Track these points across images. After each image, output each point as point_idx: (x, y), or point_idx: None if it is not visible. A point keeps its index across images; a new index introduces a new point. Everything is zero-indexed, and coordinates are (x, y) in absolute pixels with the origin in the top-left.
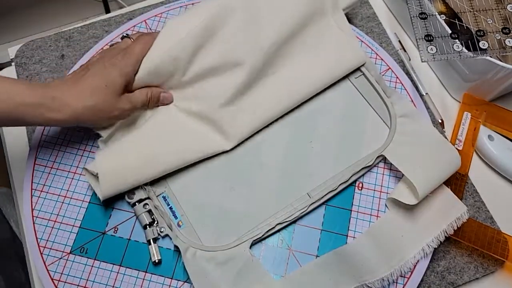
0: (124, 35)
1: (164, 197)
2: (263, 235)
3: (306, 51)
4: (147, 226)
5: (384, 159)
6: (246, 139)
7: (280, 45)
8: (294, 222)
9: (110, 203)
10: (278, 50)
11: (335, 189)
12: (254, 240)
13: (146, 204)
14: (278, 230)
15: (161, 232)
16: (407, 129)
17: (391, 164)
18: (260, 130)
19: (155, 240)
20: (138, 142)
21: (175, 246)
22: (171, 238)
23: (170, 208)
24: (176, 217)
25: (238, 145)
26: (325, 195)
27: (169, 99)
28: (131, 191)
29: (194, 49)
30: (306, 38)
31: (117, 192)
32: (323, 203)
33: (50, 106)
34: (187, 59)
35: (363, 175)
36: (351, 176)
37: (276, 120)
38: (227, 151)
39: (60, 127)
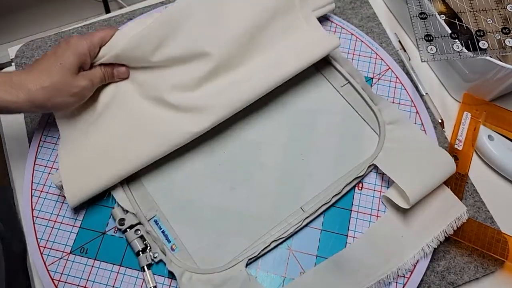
0: None
1: (155, 221)
2: (258, 254)
3: (275, 44)
4: (140, 253)
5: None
6: (236, 153)
7: (247, 38)
8: (289, 237)
9: (110, 203)
10: (245, 43)
11: (328, 202)
12: (249, 259)
13: (138, 229)
14: (274, 247)
15: (154, 257)
16: (396, 135)
17: None
18: (250, 142)
19: (149, 266)
20: (100, 137)
21: (169, 272)
22: (165, 264)
23: (163, 231)
24: (169, 241)
25: (228, 161)
26: (319, 208)
27: (125, 73)
28: (121, 218)
29: (160, 37)
30: (274, 32)
31: (88, 196)
32: (318, 216)
33: (8, 89)
34: (152, 45)
35: (361, 179)
36: (344, 187)
37: (262, 131)
38: (217, 168)
39: (23, 113)
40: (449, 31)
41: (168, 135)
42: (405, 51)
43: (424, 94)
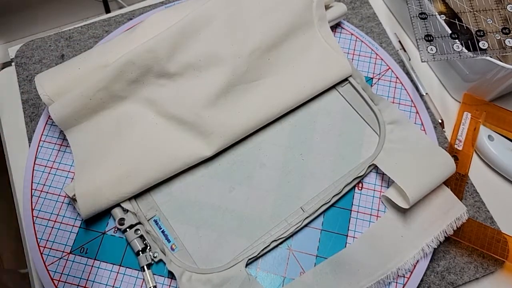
0: None
1: (155, 221)
2: (258, 254)
3: (292, 61)
4: (140, 253)
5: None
6: (236, 153)
7: (264, 52)
8: (289, 237)
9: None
10: (263, 56)
11: (328, 202)
12: (249, 259)
13: (138, 229)
14: (274, 247)
15: (154, 257)
16: (396, 136)
17: None
18: (250, 142)
19: (149, 266)
20: (115, 156)
21: (169, 272)
22: (165, 263)
23: (163, 231)
24: (169, 241)
25: (228, 161)
26: (319, 208)
27: None
28: (121, 217)
29: (173, 45)
30: (292, 49)
31: (99, 210)
32: (318, 216)
33: None
34: (169, 50)
35: (361, 179)
36: (344, 187)
37: (262, 131)
38: (217, 168)
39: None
40: (449, 31)
41: (181, 157)
42: (405, 51)
43: (424, 94)
